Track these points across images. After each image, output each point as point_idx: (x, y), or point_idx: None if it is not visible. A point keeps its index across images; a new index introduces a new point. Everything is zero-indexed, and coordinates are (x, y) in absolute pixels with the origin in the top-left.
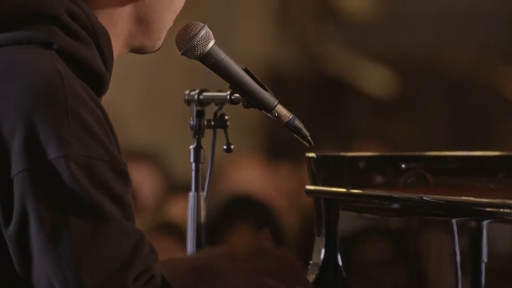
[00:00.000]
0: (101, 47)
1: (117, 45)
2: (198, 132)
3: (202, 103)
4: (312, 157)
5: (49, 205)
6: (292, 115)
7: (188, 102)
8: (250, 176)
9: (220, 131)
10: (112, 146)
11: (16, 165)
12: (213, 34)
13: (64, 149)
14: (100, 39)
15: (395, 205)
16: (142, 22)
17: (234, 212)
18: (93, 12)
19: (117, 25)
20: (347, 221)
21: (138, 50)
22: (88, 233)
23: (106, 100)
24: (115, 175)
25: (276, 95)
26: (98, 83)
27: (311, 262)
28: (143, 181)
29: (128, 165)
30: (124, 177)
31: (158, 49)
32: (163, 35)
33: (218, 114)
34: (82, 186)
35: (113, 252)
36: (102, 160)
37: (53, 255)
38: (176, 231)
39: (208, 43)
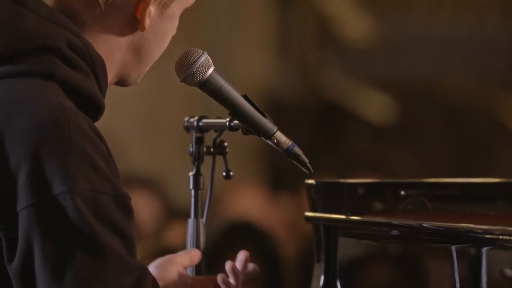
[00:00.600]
0: (98, 76)
1: (110, 73)
2: (197, 158)
3: (201, 129)
4: (311, 184)
5: (54, 241)
6: (291, 141)
7: (188, 128)
8: (250, 203)
9: (219, 158)
10: (115, 179)
11: (22, 200)
12: (212, 61)
13: (69, 184)
14: (97, 69)
15: (395, 232)
16: (136, 53)
17: (234, 239)
18: (93, 39)
19: (115, 53)
20: (346, 247)
21: (120, 82)
22: (91, 269)
23: (105, 126)
24: (119, 208)
25: (275, 122)
26: (96, 111)
27: None
28: (143, 207)
29: (128, 192)
30: (128, 211)
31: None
32: (146, 70)
33: (218, 140)
34: (86, 222)
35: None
36: (107, 193)
37: None
38: None
39: (207, 70)
